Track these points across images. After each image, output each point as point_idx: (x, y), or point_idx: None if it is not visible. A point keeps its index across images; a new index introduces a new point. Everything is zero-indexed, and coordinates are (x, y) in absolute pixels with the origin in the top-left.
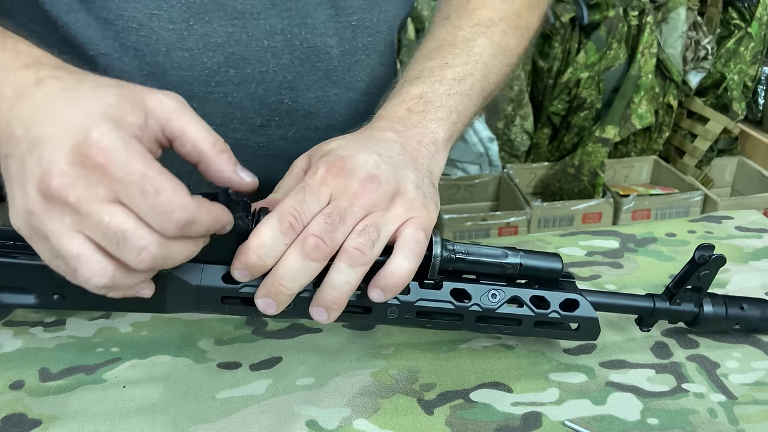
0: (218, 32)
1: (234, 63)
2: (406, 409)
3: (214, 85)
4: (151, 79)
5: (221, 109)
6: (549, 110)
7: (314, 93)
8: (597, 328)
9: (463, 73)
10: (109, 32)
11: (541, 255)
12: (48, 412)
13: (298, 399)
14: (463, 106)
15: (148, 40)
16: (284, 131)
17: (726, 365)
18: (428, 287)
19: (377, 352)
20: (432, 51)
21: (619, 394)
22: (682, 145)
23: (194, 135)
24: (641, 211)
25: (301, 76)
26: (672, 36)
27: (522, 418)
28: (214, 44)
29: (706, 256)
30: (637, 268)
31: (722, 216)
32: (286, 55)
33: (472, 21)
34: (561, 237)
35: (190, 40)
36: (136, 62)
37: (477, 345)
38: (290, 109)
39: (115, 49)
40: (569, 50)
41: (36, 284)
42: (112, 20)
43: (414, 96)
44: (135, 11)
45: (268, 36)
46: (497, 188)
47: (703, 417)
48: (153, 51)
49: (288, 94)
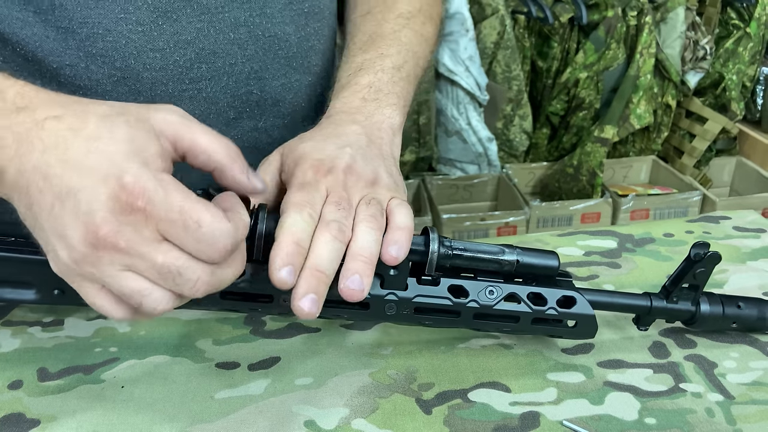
0: (187, 29)
1: (205, 58)
2: (404, 409)
3: (188, 83)
4: (122, 84)
5: (197, 106)
6: (548, 110)
7: (279, 81)
8: (594, 326)
9: (400, 62)
10: (72, 42)
11: (538, 252)
12: (46, 412)
13: (296, 399)
14: (406, 91)
15: (116, 44)
16: (255, 122)
17: (724, 365)
18: (426, 284)
19: (375, 352)
20: (365, 44)
21: (616, 393)
22: (681, 145)
23: (206, 145)
24: (640, 211)
25: (266, 66)
26: (671, 36)
27: (520, 418)
28: (184, 41)
29: (701, 254)
30: (634, 268)
31: (720, 216)
32: (251, 46)
33: (393, 14)
34: (559, 237)
35: (161, 39)
36: (105, 69)
37: (475, 344)
38: (259, 99)
39: (80, 58)
40: (568, 50)
41: (36, 279)
42: (74, 29)
43: (364, 86)
44: (100, 17)
45: (234, 29)
46: (496, 188)
47: (701, 417)
48: (123, 55)
49: (256, 84)
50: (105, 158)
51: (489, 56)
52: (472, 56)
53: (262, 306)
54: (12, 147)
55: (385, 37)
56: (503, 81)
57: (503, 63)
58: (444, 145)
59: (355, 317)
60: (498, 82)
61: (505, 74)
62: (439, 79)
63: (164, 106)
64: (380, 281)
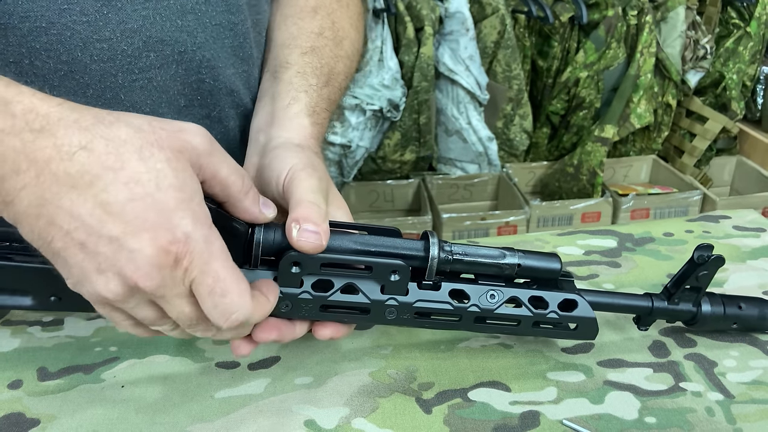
0: (132, 17)
1: (153, 46)
2: (404, 409)
3: (137, 72)
4: (69, 78)
5: (148, 95)
6: (548, 109)
7: (230, 69)
8: (595, 328)
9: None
10: (13, 38)
11: (540, 255)
12: (46, 412)
13: (296, 398)
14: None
15: (61, 37)
16: (208, 110)
17: (724, 364)
18: (426, 288)
19: (375, 352)
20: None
21: (616, 393)
22: (681, 144)
23: (225, 179)
24: (640, 211)
25: (217, 54)
26: (671, 35)
27: (520, 417)
28: (131, 30)
29: (705, 257)
30: (634, 268)
31: (720, 215)
32: (200, 34)
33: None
34: (559, 236)
35: (107, 29)
36: (51, 63)
37: (475, 344)
38: (212, 87)
39: (22, 54)
40: (568, 50)
41: (33, 286)
42: (15, 24)
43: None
44: (42, 10)
45: (180, 15)
46: (496, 187)
47: (701, 416)
48: (68, 48)
49: (208, 73)
50: (152, 209)
51: (489, 55)
52: (473, 55)
53: None
54: (28, 174)
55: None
56: (503, 80)
57: (503, 62)
58: (444, 145)
59: (355, 322)
60: (498, 81)
61: (506, 73)
62: (439, 78)
63: (192, 129)
64: (381, 287)
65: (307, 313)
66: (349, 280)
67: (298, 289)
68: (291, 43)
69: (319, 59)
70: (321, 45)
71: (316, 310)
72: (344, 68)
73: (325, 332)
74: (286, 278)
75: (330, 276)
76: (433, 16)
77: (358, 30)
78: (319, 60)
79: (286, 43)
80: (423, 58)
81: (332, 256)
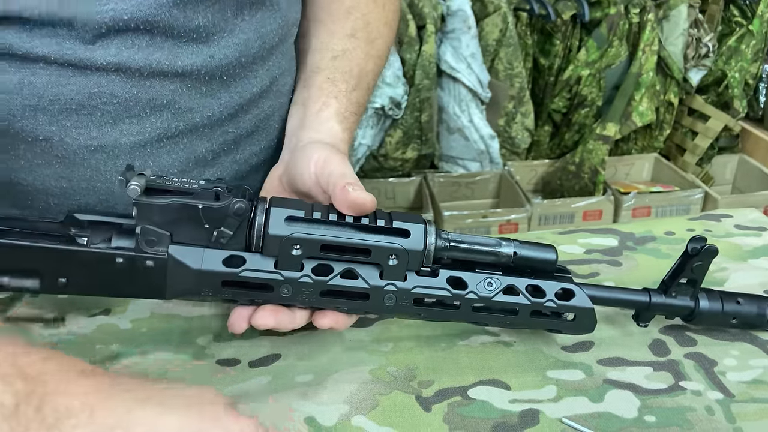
0: (162, 93)
1: (182, 116)
2: (404, 406)
3: (165, 140)
4: (99, 151)
5: (176, 158)
6: (550, 107)
7: (252, 113)
8: (593, 319)
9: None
10: (42, 118)
11: (536, 246)
12: None
13: (296, 395)
14: None
15: (92, 117)
16: (234, 156)
17: (724, 363)
18: (425, 275)
19: (375, 349)
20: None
21: (616, 391)
22: (683, 142)
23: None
24: (641, 209)
25: (241, 106)
26: (673, 33)
27: (519, 415)
28: (161, 105)
29: (698, 248)
30: (635, 267)
31: (721, 214)
32: (225, 94)
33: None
34: (560, 235)
35: (137, 107)
36: (81, 139)
37: (475, 342)
38: (235, 136)
39: (52, 132)
40: (570, 48)
41: (42, 267)
42: (45, 106)
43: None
44: (72, 93)
45: (206, 83)
46: (498, 185)
47: (701, 415)
48: (99, 125)
49: (231, 124)
50: None
51: (491, 53)
52: (474, 53)
53: (262, 296)
54: (80, 416)
55: None
56: (505, 78)
57: (505, 60)
58: (446, 143)
59: (354, 308)
60: (500, 79)
61: (507, 71)
62: (441, 76)
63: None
64: (379, 272)
65: (307, 298)
66: (349, 265)
67: (298, 272)
68: (322, 47)
69: (349, 62)
70: (352, 47)
71: (316, 295)
72: (374, 66)
73: (325, 321)
74: (286, 261)
75: (330, 261)
76: (435, 14)
77: (392, 28)
78: (349, 63)
79: (318, 47)
80: (425, 56)
81: (332, 238)
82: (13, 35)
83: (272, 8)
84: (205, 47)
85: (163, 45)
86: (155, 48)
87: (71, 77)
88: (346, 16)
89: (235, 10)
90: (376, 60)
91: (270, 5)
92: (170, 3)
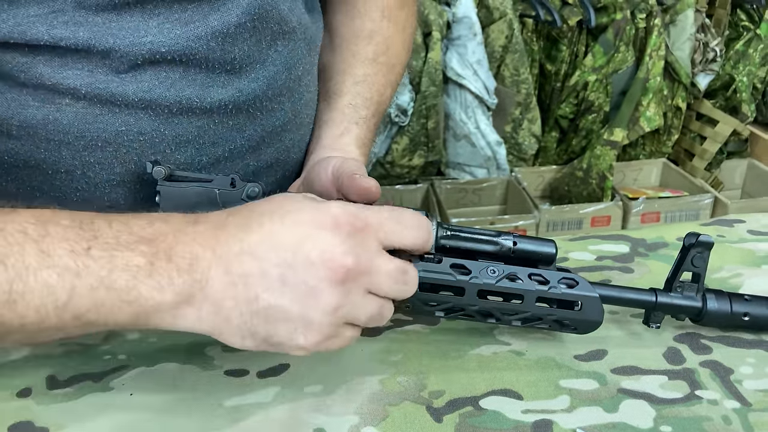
0: (188, 130)
1: (206, 150)
2: (414, 417)
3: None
4: (122, 186)
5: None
6: (557, 113)
7: (273, 146)
8: (600, 309)
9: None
10: (66, 152)
11: (535, 239)
12: (55, 420)
13: (306, 406)
14: None
15: (116, 153)
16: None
17: (740, 371)
18: (428, 261)
19: (385, 359)
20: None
21: (631, 401)
22: (692, 147)
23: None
24: (650, 214)
25: (263, 139)
26: (680, 38)
27: (533, 426)
28: (185, 141)
29: (693, 239)
30: (647, 273)
31: (734, 219)
32: (249, 127)
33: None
34: (570, 242)
35: (162, 144)
36: (104, 174)
37: (486, 351)
38: (255, 168)
39: (75, 166)
40: (577, 53)
41: None
42: (70, 141)
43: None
44: (99, 131)
45: (233, 116)
46: (505, 192)
47: (717, 424)
48: (123, 162)
49: (252, 157)
50: (305, 216)
51: (497, 60)
52: (480, 60)
53: None
54: (206, 255)
55: None
56: (512, 85)
57: (511, 67)
58: (453, 149)
59: None
60: (506, 85)
61: (514, 78)
62: (447, 83)
63: None
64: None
65: None
66: None
67: None
68: (345, 70)
69: (370, 88)
70: (373, 72)
71: None
72: (391, 93)
73: None
74: None
75: None
76: (441, 21)
77: (409, 51)
78: (370, 89)
79: (341, 69)
80: (431, 63)
81: None
82: (44, 65)
83: (303, 38)
84: (237, 79)
85: (196, 78)
86: (187, 82)
87: (98, 115)
88: (368, 40)
89: (269, 41)
90: (394, 86)
91: (302, 35)
92: (209, 35)
